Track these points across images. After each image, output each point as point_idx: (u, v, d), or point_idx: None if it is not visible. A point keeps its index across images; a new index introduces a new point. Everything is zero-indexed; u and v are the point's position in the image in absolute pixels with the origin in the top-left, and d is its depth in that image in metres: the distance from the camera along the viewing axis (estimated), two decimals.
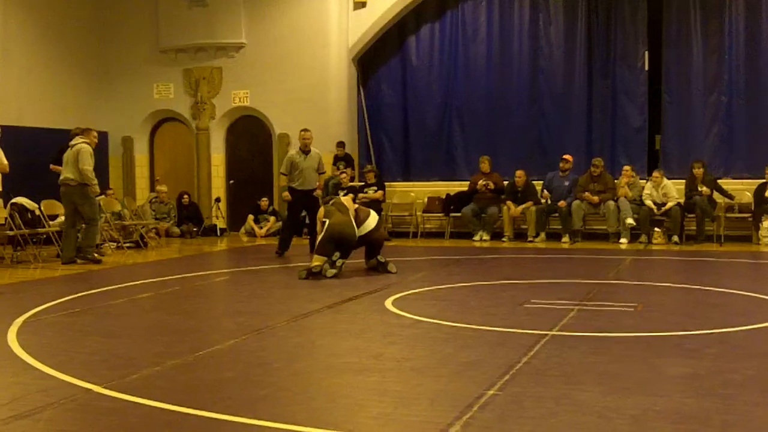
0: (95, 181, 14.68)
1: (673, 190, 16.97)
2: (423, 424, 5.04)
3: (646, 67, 18.65)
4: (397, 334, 8.03)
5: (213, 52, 20.97)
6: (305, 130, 15.56)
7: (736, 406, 5.42)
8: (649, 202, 16.94)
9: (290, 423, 5.06)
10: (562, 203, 17.48)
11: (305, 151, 15.32)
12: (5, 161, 14.07)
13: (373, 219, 12.55)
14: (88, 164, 14.53)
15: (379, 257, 12.61)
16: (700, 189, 16.79)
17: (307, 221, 16.20)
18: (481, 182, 18.27)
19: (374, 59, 20.54)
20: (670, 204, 16.78)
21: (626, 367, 6.47)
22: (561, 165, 18.05)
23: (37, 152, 19.17)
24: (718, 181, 17.32)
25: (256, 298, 10.67)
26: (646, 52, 18.62)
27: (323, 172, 15.85)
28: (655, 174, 17.23)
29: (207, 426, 5.12)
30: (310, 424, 5.03)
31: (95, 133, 15.38)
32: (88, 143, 14.82)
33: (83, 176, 14.49)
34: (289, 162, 15.34)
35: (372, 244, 12.59)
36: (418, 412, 5.34)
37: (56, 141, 19.67)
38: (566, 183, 17.93)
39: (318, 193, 15.46)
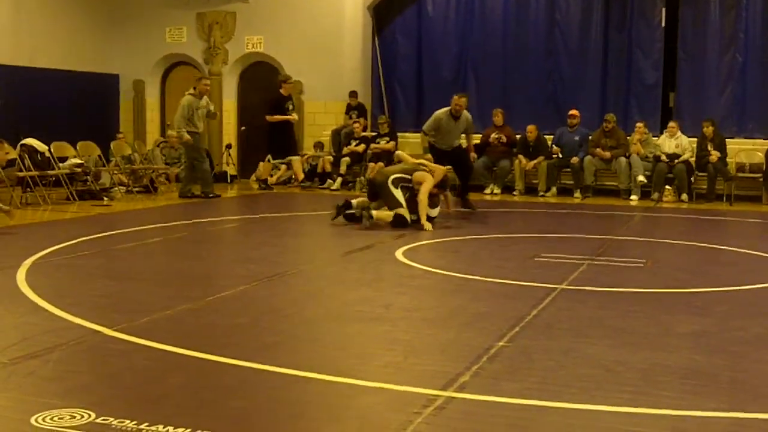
0: (180, 133, 16.17)
1: (687, 142, 16.86)
2: (433, 374, 5.05)
3: (663, 24, 18.50)
4: (408, 284, 8.04)
5: None
6: (460, 96, 14.63)
7: (745, 363, 5.44)
8: (666, 149, 16.82)
9: (300, 369, 5.08)
10: (574, 160, 17.41)
11: (456, 116, 14.36)
12: None
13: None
14: (178, 118, 16.22)
15: None
16: (710, 150, 16.67)
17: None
18: (493, 135, 18.19)
19: (390, 8, 20.37)
20: (683, 157, 16.67)
21: (635, 322, 6.48)
22: (569, 120, 17.95)
23: (48, 93, 19.19)
24: (728, 140, 17.20)
25: (267, 245, 10.67)
26: (664, 9, 18.46)
27: (473, 132, 15.17)
28: (671, 124, 17.11)
29: (217, 370, 5.14)
30: (320, 372, 5.05)
31: (205, 81, 16.79)
32: (192, 94, 16.33)
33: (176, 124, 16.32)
34: (436, 122, 14.42)
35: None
36: (428, 362, 5.36)
37: (68, 82, 19.72)
38: (576, 138, 17.84)
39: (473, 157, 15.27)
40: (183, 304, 6.86)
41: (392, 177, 12.15)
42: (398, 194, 12.07)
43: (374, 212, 11.81)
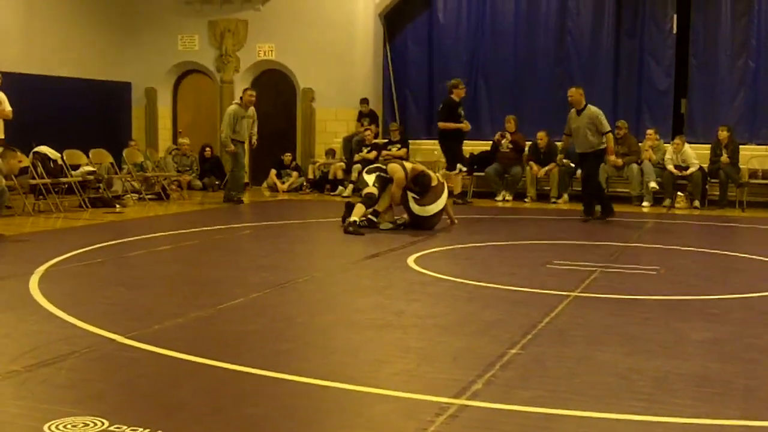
0: (226, 142, 16.79)
1: (692, 156, 16.83)
2: (445, 382, 5.04)
3: (674, 31, 18.47)
4: (420, 291, 8.03)
5: (239, 4, 20.86)
6: (575, 88, 14.38)
7: (760, 371, 5.41)
8: (670, 167, 16.84)
9: (312, 377, 5.07)
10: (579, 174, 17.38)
11: (578, 109, 14.15)
12: (8, 108, 14.05)
13: (437, 206, 12.42)
14: (224, 126, 16.78)
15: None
16: (723, 154, 16.64)
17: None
18: (497, 136, 18.21)
19: (401, 16, 20.39)
20: (691, 169, 16.67)
21: (648, 329, 6.46)
22: None
23: (61, 101, 19.24)
24: (741, 146, 17.16)
25: (279, 252, 10.67)
26: (675, 16, 18.43)
27: (606, 132, 14.14)
28: (676, 141, 17.12)
29: (229, 378, 5.13)
30: (332, 379, 5.04)
31: (250, 92, 17.05)
32: (238, 104, 16.90)
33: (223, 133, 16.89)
34: (567, 121, 14.33)
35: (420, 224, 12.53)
36: (441, 370, 5.35)
37: (80, 90, 19.78)
38: None
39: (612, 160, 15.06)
40: (195, 311, 6.86)
41: (368, 167, 12.73)
42: (369, 178, 12.42)
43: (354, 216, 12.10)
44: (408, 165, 12.55)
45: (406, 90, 20.47)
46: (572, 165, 17.64)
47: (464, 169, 16.86)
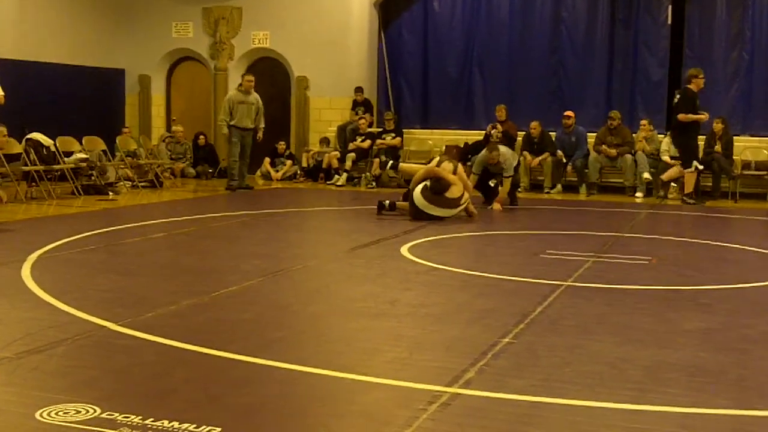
0: (220, 125, 17.13)
1: None
2: (438, 370, 5.05)
3: (669, 21, 18.47)
4: (413, 280, 8.03)
5: None
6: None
7: (752, 361, 5.43)
8: (665, 158, 16.84)
9: (306, 365, 5.08)
10: (570, 168, 17.40)
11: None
12: (0, 92, 13.98)
13: (435, 211, 12.26)
14: (221, 111, 17.05)
15: None
16: (717, 146, 16.67)
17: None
18: (489, 128, 18.20)
19: (396, 4, 20.35)
20: None
21: (640, 319, 6.48)
22: (563, 122, 17.90)
23: (54, 88, 19.21)
24: (735, 137, 17.18)
25: (273, 241, 10.66)
26: (670, 6, 18.43)
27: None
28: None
29: (222, 366, 5.14)
30: (325, 367, 5.04)
31: (248, 78, 17.18)
32: (239, 90, 17.04)
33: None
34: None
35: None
36: (434, 358, 5.36)
37: (74, 77, 19.75)
38: (573, 139, 17.76)
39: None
40: (188, 299, 6.86)
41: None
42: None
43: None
44: (444, 166, 12.45)
45: (400, 79, 20.43)
46: (564, 160, 17.66)
47: (701, 167, 15.90)
